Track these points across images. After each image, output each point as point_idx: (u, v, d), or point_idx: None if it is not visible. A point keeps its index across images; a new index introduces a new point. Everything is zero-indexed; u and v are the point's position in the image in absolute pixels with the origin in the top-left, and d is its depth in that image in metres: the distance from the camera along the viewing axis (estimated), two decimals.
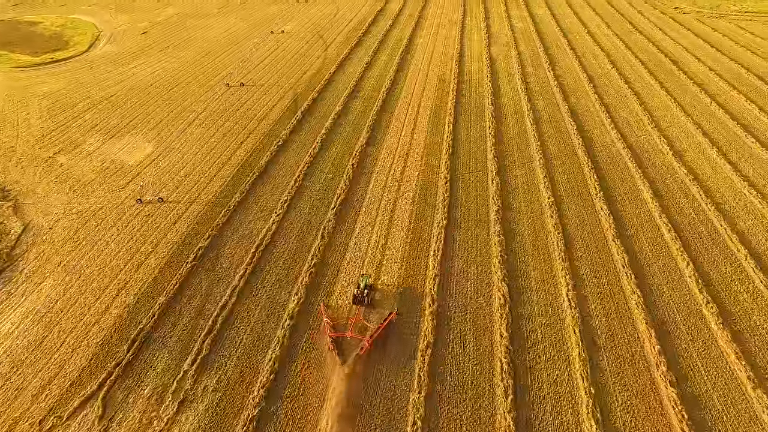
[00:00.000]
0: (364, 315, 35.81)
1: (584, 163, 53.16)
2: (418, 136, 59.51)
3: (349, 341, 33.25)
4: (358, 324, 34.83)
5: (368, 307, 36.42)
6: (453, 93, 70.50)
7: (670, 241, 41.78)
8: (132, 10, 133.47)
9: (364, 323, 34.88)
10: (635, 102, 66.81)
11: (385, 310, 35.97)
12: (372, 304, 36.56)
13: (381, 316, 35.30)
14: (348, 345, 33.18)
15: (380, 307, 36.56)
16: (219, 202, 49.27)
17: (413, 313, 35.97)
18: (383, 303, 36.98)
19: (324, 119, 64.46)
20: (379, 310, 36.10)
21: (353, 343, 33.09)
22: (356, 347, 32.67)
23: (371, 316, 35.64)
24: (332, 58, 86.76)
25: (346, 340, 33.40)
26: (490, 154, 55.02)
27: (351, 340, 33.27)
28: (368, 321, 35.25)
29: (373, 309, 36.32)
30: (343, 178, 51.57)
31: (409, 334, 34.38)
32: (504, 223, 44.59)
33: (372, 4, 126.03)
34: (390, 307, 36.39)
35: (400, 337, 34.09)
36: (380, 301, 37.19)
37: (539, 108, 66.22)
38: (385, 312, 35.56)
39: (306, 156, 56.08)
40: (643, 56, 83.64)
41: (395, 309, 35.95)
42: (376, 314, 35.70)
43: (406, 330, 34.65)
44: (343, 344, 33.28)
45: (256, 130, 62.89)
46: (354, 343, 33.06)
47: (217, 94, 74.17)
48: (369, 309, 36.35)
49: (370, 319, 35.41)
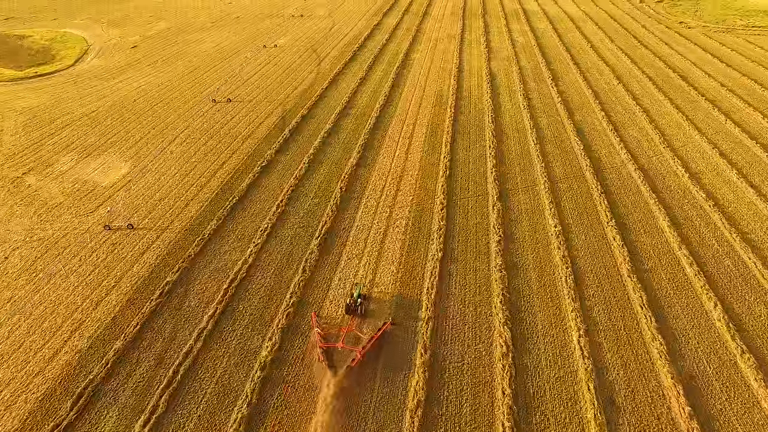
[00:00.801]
0: (357, 325, 33.78)
1: (593, 186, 48.83)
2: (413, 157, 55.32)
3: (341, 352, 31.46)
4: (351, 334, 32.97)
5: (362, 317, 34.60)
6: (451, 110, 66.54)
7: (693, 276, 37.21)
8: (124, 24, 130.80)
9: (357, 334, 33.00)
10: (645, 120, 62.74)
11: (379, 320, 33.94)
12: (365, 315, 34.81)
13: (375, 326, 33.36)
14: (339, 356, 31.28)
15: (374, 317, 34.62)
16: (193, 229, 44.95)
17: (403, 363, 31.32)
18: (378, 313, 34.97)
19: (313, 138, 60.39)
20: (373, 321, 34.20)
21: (345, 354, 31.26)
22: (348, 359, 30.87)
23: (365, 327, 33.74)
24: (325, 73, 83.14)
25: (338, 351, 31.58)
26: (490, 176, 50.73)
27: (342, 351, 31.46)
28: (361, 332, 33.18)
29: (367, 319, 34.46)
30: (329, 204, 47.25)
31: (397, 389, 29.70)
32: (506, 255, 40.10)
33: (369, 18, 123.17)
34: (384, 317, 34.32)
35: (389, 398, 29.40)
36: (374, 311, 35.22)
37: (543, 126, 62.14)
38: (379, 322, 33.60)
39: (291, 178, 51.85)
40: (650, 71, 79.89)
41: (390, 319, 34.04)
42: (370, 325, 33.82)
43: (394, 385, 29.97)
44: (335, 355, 31.37)
45: (240, 149, 58.81)
46: (345, 354, 31.23)
47: (202, 111, 70.31)
48: (362, 319, 34.44)
49: (364, 330, 33.35)
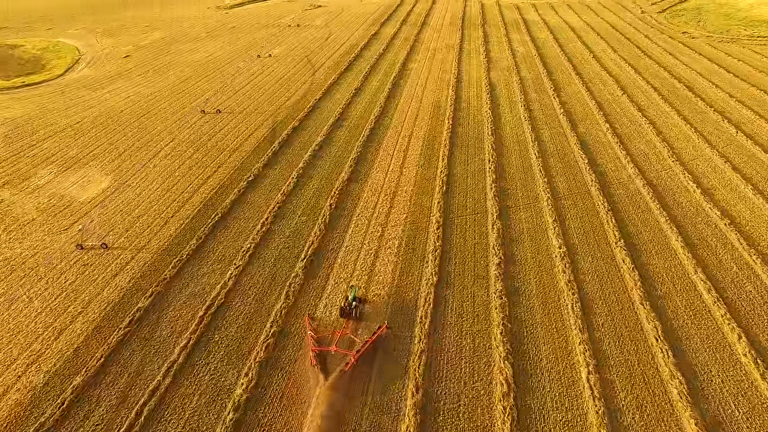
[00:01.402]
0: (351, 329, 32.64)
1: (599, 203, 45.75)
2: (408, 171, 52.32)
3: (334, 356, 30.38)
4: (345, 338, 31.81)
5: (356, 320, 33.51)
6: (449, 122, 63.73)
7: (712, 304, 33.94)
8: (119, 33, 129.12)
9: (351, 337, 31.88)
10: (652, 132, 59.85)
11: (375, 324, 32.80)
12: (360, 318, 33.70)
13: (370, 330, 32.27)
14: (332, 360, 30.15)
15: (370, 320, 33.50)
16: (171, 249, 41.84)
17: (392, 403, 27.96)
18: (373, 317, 33.81)
19: (303, 151, 57.50)
20: (368, 324, 33.08)
21: (338, 358, 30.08)
22: (341, 363, 29.65)
23: (359, 331, 32.67)
24: (319, 84, 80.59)
25: (331, 354, 30.58)
26: (490, 192, 47.68)
27: (336, 355, 30.38)
28: (356, 335, 32.01)
29: (362, 323, 33.38)
30: (318, 222, 44.16)
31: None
32: (507, 279, 36.89)
33: (366, 28, 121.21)
34: (380, 321, 33.07)
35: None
36: (370, 314, 34.09)
37: (545, 139, 59.24)
38: (374, 326, 32.55)
39: (278, 194, 48.84)
40: (655, 82, 77.27)
41: (385, 322, 32.73)
42: (365, 328, 32.78)
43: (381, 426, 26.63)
44: (327, 359, 30.29)
45: (226, 162, 55.90)
46: (339, 358, 30.06)
47: (190, 122, 67.60)
48: (357, 323, 33.35)
49: (359, 334, 32.22)
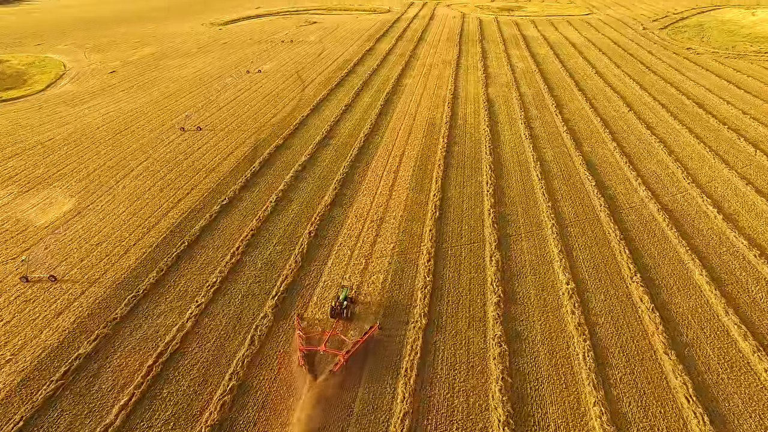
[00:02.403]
0: (342, 330, 31.44)
1: (610, 231, 40.93)
2: (398, 195, 47.60)
3: (323, 356, 29.22)
4: (335, 338, 30.54)
5: (347, 321, 32.26)
6: (444, 140, 59.29)
7: (750, 354, 28.87)
8: (108, 49, 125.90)
9: (341, 338, 30.67)
10: (663, 151, 55.32)
11: (367, 324, 31.63)
12: (351, 318, 32.44)
13: (361, 330, 31.06)
14: (321, 361, 28.95)
15: (361, 321, 32.26)
16: (128, 283, 36.93)
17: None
18: (365, 317, 32.59)
19: (285, 171, 52.90)
20: (360, 325, 31.85)
21: (327, 359, 28.93)
22: (330, 363, 28.46)
23: (350, 332, 31.37)
24: (308, 100, 76.50)
25: (320, 355, 29.39)
26: (487, 218, 42.88)
27: (325, 355, 29.23)
28: (347, 336, 30.78)
29: (353, 323, 32.10)
30: (294, 252, 39.28)
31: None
32: (507, 322, 31.87)
33: (361, 44, 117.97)
34: (372, 321, 31.94)
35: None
36: (361, 315, 32.85)
37: (548, 158, 54.68)
38: (366, 326, 31.39)
39: (253, 220, 44.07)
40: (663, 98, 73.13)
41: (377, 322, 31.63)
42: (356, 329, 31.52)
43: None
44: (316, 360, 29.08)
45: (200, 184, 51.29)
46: (328, 359, 28.91)
47: (167, 140, 63.22)
48: (348, 324, 32.06)
49: (349, 335, 31.00)
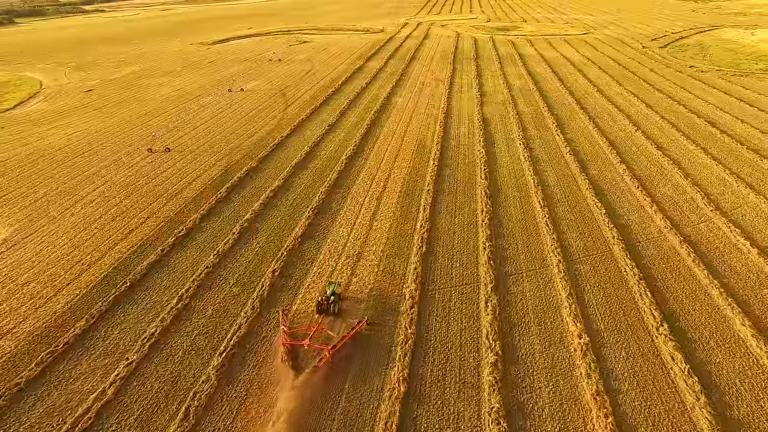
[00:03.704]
0: (329, 325, 29.86)
1: (626, 268, 34.79)
2: (380, 225, 41.53)
3: (307, 351, 27.71)
4: (321, 334, 29.11)
5: (335, 317, 30.61)
6: (434, 162, 53.55)
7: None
8: (91, 68, 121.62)
9: (327, 333, 29.19)
10: (678, 174, 49.61)
11: (355, 320, 30.16)
12: (338, 314, 30.84)
13: (348, 326, 29.59)
14: (306, 356, 27.48)
15: (349, 317, 30.70)
16: (48, 334, 30.72)
17: None
18: (353, 314, 31.00)
19: (255, 198, 46.97)
20: (347, 320, 30.30)
21: (312, 354, 27.53)
22: (315, 358, 27.12)
23: (337, 328, 29.75)
24: (290, 119, 71.09)
25: (304, 350, 27.81)
26: (482, 254, 36.70)
27: (309, 350, 27.73)
28: (334, 332, 29.23)
29: (340, 319, 30.50)
30: (253, 296, 33.03)
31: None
32: (506, 389, 25.44)
33: (351, 62, 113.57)
34: (359, 317, 30.50)
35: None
36: (349, 311, 31.29)
37: (550, 182, 48.89)
38: (354, 321, 29.90)
39: (211, 255, 37.91)
40: (672, 117, 67.90)
41: (365, 317, 30.36)
42: (343, 325, 29.96)
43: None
44: (300, 355, 27.58)
45: (158, 212, 45.29)
46: (313, 354, 27.50)
47: (131, 162, 57.47)
48: (335, 320, 30.40)
49: (336, 331, 29.39)
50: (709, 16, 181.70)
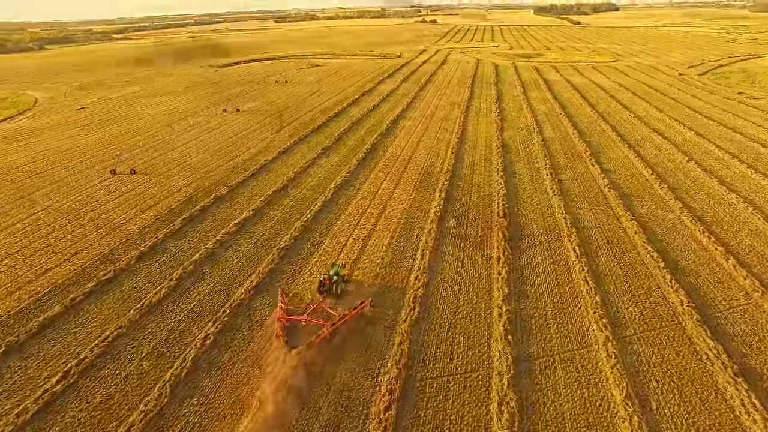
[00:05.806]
0: (330, 305, 26.92)
1: (710, 354, 23.87)
2: (363, 277, 31.38)
3: (305, 327, 25.13)
4: (321, 311, 26.56)
5: (337, 298, 27.81)
6: (441, 195, 43.60)
7: None
8: (94, 88, 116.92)
9: (327, 311, 26.51)
10: (755, 217, 38.58)
11: (358, 300, 26.98)
12: (340, 295, 28.11)
13: (351, 306, 26.57)
14: (303, 333, 24.71)
15: (351, 298, 27.76)
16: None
17: None
18: (357, 296, 27.82)
19: (213, 233, 37.59)
20: (349, 301, 27.45)
21: (309, 330, 24.72)
22: (312, 335, 24.28)
23: (338, 308, 26.81)
24: (280, 142, 62.43)
25: (301, 326, 25.31)
26: (497, 324, 26.20)
27: (307, 326, 25.14)
28: (334, 311, 26.35)
29: (342, 300, 27.64)
30: (165, 377, 23.08)
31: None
32: None
33: (361, 84, 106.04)
34: (364, 298, 27.29)
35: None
36: (352, 293, 28.28)
37: (587, 223, 38.33)
38: (357, 301, 26.86)
39: (131, 310, 28.32)
40: (729, 146, 56.94)
41: (369, 299, 27.34)
42: (345, 305, 27.01)
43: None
44: (296, 331, 24.89)
45: (91, 247, 36.27)
46: (311, 331, 24.64)
47: (86, 185, 49.22)
48: (337, 300, 27.56)
49: (337, 310, 26.38)
50: (747, 46, 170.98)
